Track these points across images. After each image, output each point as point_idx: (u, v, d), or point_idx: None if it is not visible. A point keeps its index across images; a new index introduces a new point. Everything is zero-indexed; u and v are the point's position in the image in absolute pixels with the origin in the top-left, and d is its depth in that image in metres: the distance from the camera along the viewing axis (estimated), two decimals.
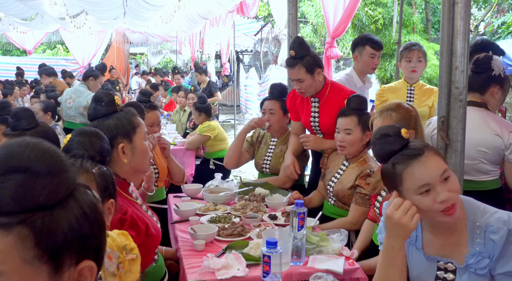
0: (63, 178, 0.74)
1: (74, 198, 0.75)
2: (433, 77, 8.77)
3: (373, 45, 3.58)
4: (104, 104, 1.99)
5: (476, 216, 1.52)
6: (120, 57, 17.59)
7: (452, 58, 2.11)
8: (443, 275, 1.57)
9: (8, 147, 0.73)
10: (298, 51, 2.93)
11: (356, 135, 2.66)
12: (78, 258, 0.75)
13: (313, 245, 2.17)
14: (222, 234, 2.38)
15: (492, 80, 2.54)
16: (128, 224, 1.76)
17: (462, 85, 2.10)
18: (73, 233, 0.73)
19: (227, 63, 11.97)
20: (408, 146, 1.51)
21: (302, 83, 2.95)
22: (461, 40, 2.09)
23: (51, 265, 0.71)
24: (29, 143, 0.74)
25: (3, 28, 12.45)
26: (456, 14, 2.07)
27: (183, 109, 6.78)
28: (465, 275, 1.52)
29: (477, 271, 1.48)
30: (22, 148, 0.72)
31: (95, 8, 8.35)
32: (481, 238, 1.49)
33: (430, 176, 1.46)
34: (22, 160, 0.71)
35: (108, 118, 1.96)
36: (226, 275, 1.94)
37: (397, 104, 2.21)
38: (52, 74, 7.34)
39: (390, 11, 9.18)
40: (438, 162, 1.48)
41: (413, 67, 3.60)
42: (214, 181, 3.33)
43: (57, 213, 0.72)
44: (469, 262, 1.49)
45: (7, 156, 0.71)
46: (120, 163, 1.92)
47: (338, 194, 2.74)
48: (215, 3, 7.62)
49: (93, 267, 0.77)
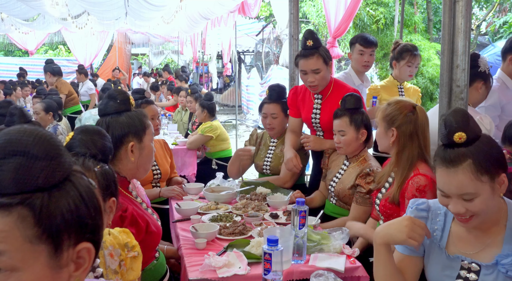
0: (59, 161, 0.77)
1: (71, 182, 0.79)
2: (434, 76, 8.76)
3: (361, 42, 3.61)
4: (119, 101, 2.00)
5: None
6: (122, 57, 17.62)
7: (453, 57, 2.11)
8: (465, 274, 1.51)
9: (6, 133, 0.76)
10: (315, 41, 2.94)
11: (350, 135, 2.66)
12: (76, 240, 0.78)
13: (314, 243, 2.18)
14: (223, 232, 2.39)
15: (478, 76, 2.80)
16: (129, 221, 1.77)
17: (463, 84, 2.11)
18: (70, 214, 0.76)
19: (229, 63, 11.99)
20: (458, 147, 1.42)
21: (318, 74, 2.95)
22: (462, 38, 2.09)
23: (50, 245, 0.75)
24: (27, 129, 0.77)
25: (5, 28, 12.47)
26: (457, 13, 2.07)
27: (184, 109, 6.79)
28: (492, 275, 1.46)
29: (509, 273, 1.42)
30: (20, 134, 0.76)
31: (97, 8, 8.36)
32: None
33: (446, 187, 1.44)
34: (20, 145, 0.74)
35: (121, 115, 1.98)
36: (228, 273, 1.94)
37: (396, 100, 2.25)
38: (57, 73, 7.30)
39: (391, 10, 9.18)
40: (463, 183, 1.40)
41: (411, 72, 3.67)
42: (215, 180, 3.33)
43: (55, 194, 0.75)
44: (503, 261, 1.43)
45: (6, 141, 0.75)
46: (125, 161, 1.93)
47: (339, 194, 2.74)
48: (217, 3, 7.63)
49: (90, 249, 0.80)
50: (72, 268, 0.79)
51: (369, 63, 3.70)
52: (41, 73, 15.43)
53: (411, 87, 3.85)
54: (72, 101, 7.62)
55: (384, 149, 2.29)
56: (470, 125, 1.41)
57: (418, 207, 1.60)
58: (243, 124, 12.74)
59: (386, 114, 2.21)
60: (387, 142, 2.23)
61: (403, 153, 2.16)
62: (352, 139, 2.67)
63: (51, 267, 0.76)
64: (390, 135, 2.19)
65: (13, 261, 0.72)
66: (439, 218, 1.58)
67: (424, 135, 2.17)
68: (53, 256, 0.75)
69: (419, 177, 2.05)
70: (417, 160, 2.14)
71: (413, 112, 2.18)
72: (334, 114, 2.74)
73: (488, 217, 1.44)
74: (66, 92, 7.16)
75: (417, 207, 1.60)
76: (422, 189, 2.02)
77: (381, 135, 2.26)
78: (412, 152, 2.15)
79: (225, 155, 5.04)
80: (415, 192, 2.02)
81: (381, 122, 2.25)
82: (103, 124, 1.98)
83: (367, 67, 3.74)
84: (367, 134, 2.68)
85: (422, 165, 2.13)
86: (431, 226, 1.58)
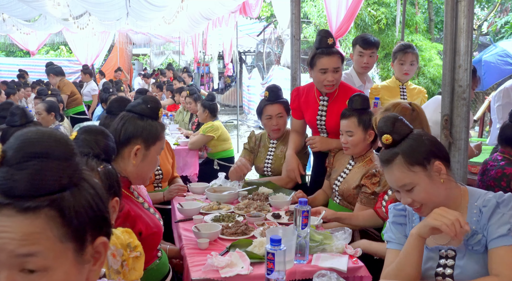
0: (76, 161, 0.80)
1: (85, 180, 0.82)
2: (436, 77, 8.74)
3: (361, 43, 3.59)
4: (149, 107, 2.05)
5: (477, 199, 1.61)
6: (123, 58, 17.64)
7: (456, 57, 2.12)
8: (444, 262, 1.63)
9: (24, 135, 0.77)
10: (334, 40, 2.96)
11: (358, 136, 2.66)
12: (95, 235, 0.81)
13: (316, 243, 2.17)
14: (225, 232, 2.39)
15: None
16: (121, 221, 1.77)
17: (466, 83, 2.11)
18: (92, 210, 0.80)
19: (230, 63, 11.99)
20: (388, 147, 1.64)
21: (336, 73, 2.95)
22: (464, 38, 2.09)
23: (76, 242, 0.78)
24: (44, 131, 0.79)
25: (6, 29, 12.48)
26: (459, 12, 2.07)
27: (186, 109, 6.79)
28: (465, 257, 1.59)
29: (474, 248, 1.56)
30: (39, 136, 0.77)
31: (98, 8, 8.36)
32: (476, 216, 1.58)
33: (391, 184, 1.66)
34: (42, 146, 0.76)
35: (142, 119, 2.02)
36: (230, 273, 1.94)
37: (393, 104, 2.22)
38: (59, 73, 7.29)
39: (393, 11, 9.16)
40: (399, 175, 1.60)
41: (406, 70, 3.66)
42: (217, 181, 3.33)
43: (76, 193, 0.79)
44: (468, 241, 1.57)
45: (26, 143, 0.76)
46: (127, 161, 1.95)
47: (343, 193, 2.74)
48: (218, 4, 7.63)
49: (106, 242, 0.83)
50: (91, 263, 0.82)
51: (369, 64, 3.65)
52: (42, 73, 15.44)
53: (416, 88, 3.81)
54: (75, 101, 7.61)
55: None
56: (395, 128, 1.62)
57: (396, 207, 1.79)
58: (244, 125, 12.74)
59: None
60: None
61: None
62: (359, 139, 2.66)
63: (77, 263, 0.79)
64: None
65: (47, 261, 0.74)
66: (415, 217, 1.74)
67: (427, 129, 2.17)
68: (79, 252, 0.79)
69: None
70: None
71: (413, 110, 2.17)
72: (341, 114, 2.74)
73: (442, 203, 1.59)
74: (68, 92, 7.13)
75: (395, 207, 1.79)
76: None
77: None
78: None
79: (227, 155, 5.04)
80: None
81: None
82: (124, 118, 2.03)
83: (366, 68, 3.70)
84: (374, 134, 2.67)
85: None
86: (409, 224, 1.74)
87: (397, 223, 1.78)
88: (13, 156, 0.75)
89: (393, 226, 1.78)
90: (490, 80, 7.80)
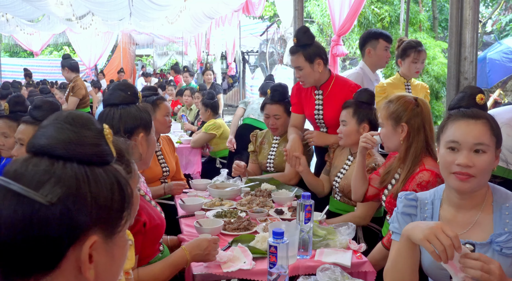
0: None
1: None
2: (440, 75, 8.69)
3: (386, 38, 3.61)
4: (129, 93, 1.98)
5: (505, 199, 1.54)
6: (126, 58, 17.68)
7: (461, 49, 2.09)
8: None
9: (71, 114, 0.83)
10: (301, 39, 2.98)
11: (350, 126, 2.65)
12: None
13: (320, 239, 2.15)
14: (228, 228, 2.36)
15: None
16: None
17: (471, 76, 2.08)
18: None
19: (233, 63, 11.97)
20: (478, 107, 1.57)
21: (301, 71, 2.99)
22: (470, 30, 2.06)
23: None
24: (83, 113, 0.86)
25: (10, 29, 12.54)
26: (465, 4, 2.05)
27: (189, 108, 6.79)
28: (487, 254, 1.47)
29: (503, 250, 1.47)
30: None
31: (101, 8, 8.39)
32: (510, 218, 1.50)
33: (461, 136, 1.51)
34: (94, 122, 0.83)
35: (130, 107, 1.96)
36: (232, 268, 1.92)
37: (397, 96, 2.19)
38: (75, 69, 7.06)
39: (396, 9, 9.13)
40: (482, 133, 1.50)
41: (418, 68, 3.65)
42: (220, 177, 3.31)
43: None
44: (497, 240, 1.48)
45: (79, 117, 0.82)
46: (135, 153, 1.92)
47: (343, 190, 2.71)
48: (221, 2, 7.63)
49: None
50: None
51: (389, 58, 3.72)
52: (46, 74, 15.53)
53: (419, 84, 3.82)
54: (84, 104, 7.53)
55: (393, 149, 2.20)
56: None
57: (407, 197, 1.67)
58: None
59: (392, 112, 2.14)
60: (396, 140, 2.14)
61: (411, 148, 2.12)
62: (351, 130, 2.65)
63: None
64: (400, 132, 2.11)
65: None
66: (427, 207, 1.65)
67: (430, 127, 2.12)
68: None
69: (424, 173, 2.01)
70: (424, 155, 2.10)
71: (417, 105, 2.13)
72: (342, 105, 2.75)
73: (476, 191, 1.53)
74: (80, 96, 6.84)
75: (405, 196, 1.67)
76: (424, 185, 1.98)
77: (389, 134, 2.16)
78: (418, 146, 2.09)
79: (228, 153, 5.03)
80: (416, 187, 1.98)
81: (386, 121, 2.16)
82: (115, 114, 1.93)
83: (387, 62, 3.76)
84: (369, 129, 2.63)
85: (429, 159, 2.08)
86: (420, 214, 1.64)
87: (406, 214, 1.66)
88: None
89: (401, 216, 1.66)
90: (495, 78, 7.76)
